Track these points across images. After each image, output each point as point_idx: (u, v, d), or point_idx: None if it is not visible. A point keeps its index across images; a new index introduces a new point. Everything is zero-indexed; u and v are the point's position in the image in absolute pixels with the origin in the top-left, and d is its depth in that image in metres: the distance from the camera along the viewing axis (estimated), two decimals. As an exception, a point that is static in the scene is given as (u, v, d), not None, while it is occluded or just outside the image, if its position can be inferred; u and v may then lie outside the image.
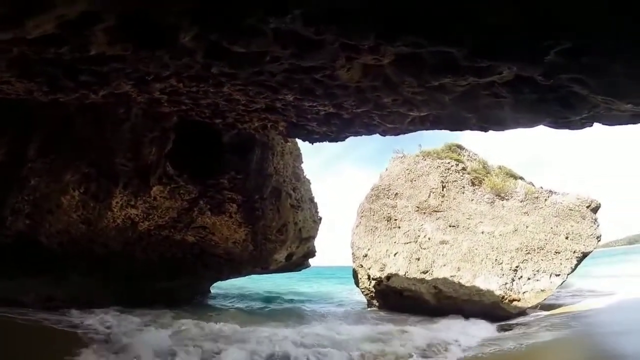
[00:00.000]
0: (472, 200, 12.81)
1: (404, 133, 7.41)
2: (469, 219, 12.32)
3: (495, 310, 9.89)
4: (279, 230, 11.15)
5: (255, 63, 3.88)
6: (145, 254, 9.74)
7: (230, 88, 5.68)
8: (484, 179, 13.03)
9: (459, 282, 10.64)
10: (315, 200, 12.71)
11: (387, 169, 14.51)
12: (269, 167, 10.83)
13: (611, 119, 4.95)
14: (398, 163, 14.32)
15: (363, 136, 7.54)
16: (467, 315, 9.87)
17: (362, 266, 13.03)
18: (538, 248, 10.73)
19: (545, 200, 11.56)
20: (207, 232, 10.24)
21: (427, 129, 6.85)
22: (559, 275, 10.19)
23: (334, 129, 7.25)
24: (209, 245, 10.32)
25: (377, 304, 12.68)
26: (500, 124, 5.62)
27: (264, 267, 11.39)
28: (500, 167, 13.49)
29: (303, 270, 15.01)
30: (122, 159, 8.91)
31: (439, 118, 5.89)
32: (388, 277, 12.01)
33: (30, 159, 7.53)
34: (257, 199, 10.85)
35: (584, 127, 5.73)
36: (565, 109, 4.60)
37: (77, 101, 5.70)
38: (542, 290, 10.10)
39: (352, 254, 13.45)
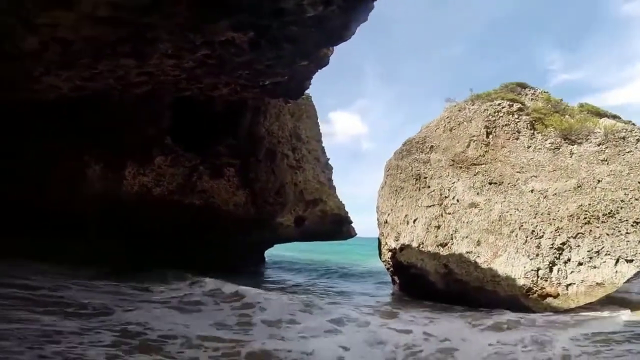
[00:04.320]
0: (529, 147, 10.02)
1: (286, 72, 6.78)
2: (519, 172, 9.79)
3: (514, 307, 7.79)
4: (278, 192, 11.76)
5: None
6: (165, 216, 12.14)
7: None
8: (549, 119, 9.71)
9: (475, 262, 8.85)
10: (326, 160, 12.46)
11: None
12: (260, 130, 11.35)
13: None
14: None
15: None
16: (479, 306, 8.23)
17: (383, 234, 12.29)
18: (605, 215, 7.63)
19: (638, 141, 7.75)
20: (209, 196, 11.83)
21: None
22: (632, 260, 7.00)
23: (225, 76, 7.36)
24: (213, 208, 11.92)
25: (398, 281, 11.86)
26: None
27: (271, 231, 12.33)
28: (582, 105, 9.66)
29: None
30: (128, 136, 11.20)
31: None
32: (401, 249, 11.03)
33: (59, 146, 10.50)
34: (252, 162, 11.69)
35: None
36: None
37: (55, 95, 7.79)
38: (599, 284, 7.23)
39: (377, 219, 12.77)
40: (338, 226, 13.60)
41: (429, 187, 11.32)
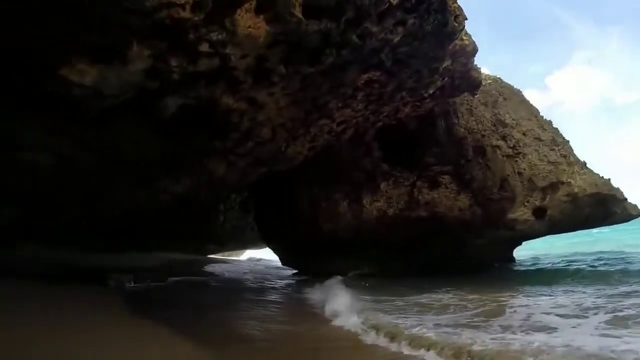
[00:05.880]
0: None
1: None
2: None
3: None
4: (501, 186, 11.34)
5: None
6: (402, 232, 14.15)
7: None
8: None
9: None
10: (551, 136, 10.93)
11: None
12: (458, 130, 11.71)
13: None
14: None
15: None
16: None
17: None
18: None
19: None
20: (433, 207, 12.92)
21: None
22: None
23: (392, 103, 8.72)
24: (439, 217, 12.88)
25: None
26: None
27: (507, 229, 11.81)
28: None
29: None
30: (356, 173, 14.33)
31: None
32: None
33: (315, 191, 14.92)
34: (463, 163, 11.99)
35: None
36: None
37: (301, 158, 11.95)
38: None
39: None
40: (604, 208, 10.95)
41: None
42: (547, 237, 13.15)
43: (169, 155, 7.23)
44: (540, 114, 11.74)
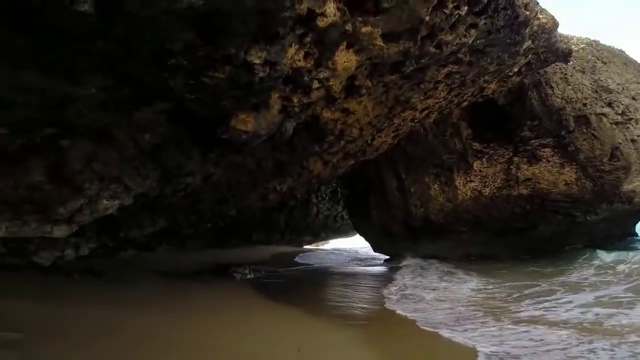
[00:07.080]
0: None
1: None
2: None
3: None
4: (612, 155, 11.04)
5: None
6: (500, 212, 14.38)
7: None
8: None
9: None
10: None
11: None
12: (553, 101, 11.62)
13: None
14: None
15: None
16: None
17: None
18: None
19: None
20: (534, 182, 12.98)
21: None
22: None
23: (473, 85, 9.36)
24: (543, 193, 12.90)
25: None
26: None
27: (625, 202, 11.46)
28: None
29: None
30: (446, 155, 14.88)
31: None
32: None
33: (403, 177, 15.88)
34: (564, 135, 11.86)
35: None
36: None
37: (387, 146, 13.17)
38: None
39: None
40: None
41: None
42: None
43: (278, 162, 9.03)
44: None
